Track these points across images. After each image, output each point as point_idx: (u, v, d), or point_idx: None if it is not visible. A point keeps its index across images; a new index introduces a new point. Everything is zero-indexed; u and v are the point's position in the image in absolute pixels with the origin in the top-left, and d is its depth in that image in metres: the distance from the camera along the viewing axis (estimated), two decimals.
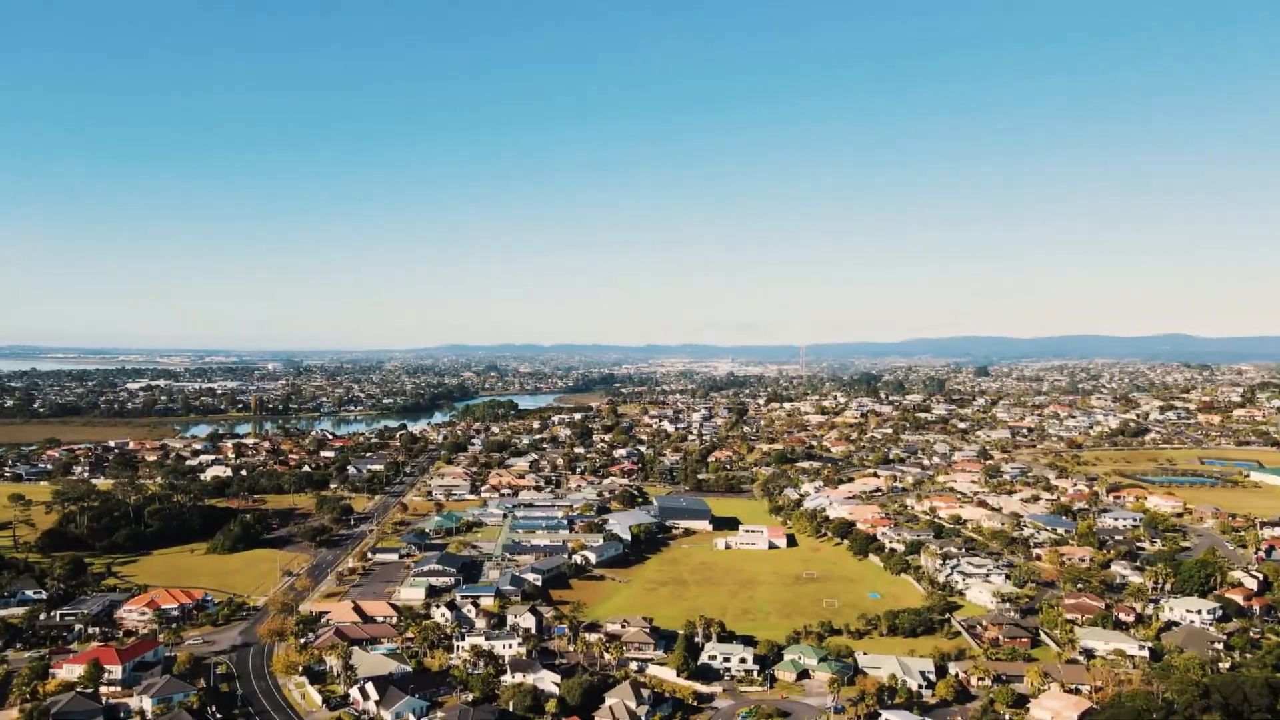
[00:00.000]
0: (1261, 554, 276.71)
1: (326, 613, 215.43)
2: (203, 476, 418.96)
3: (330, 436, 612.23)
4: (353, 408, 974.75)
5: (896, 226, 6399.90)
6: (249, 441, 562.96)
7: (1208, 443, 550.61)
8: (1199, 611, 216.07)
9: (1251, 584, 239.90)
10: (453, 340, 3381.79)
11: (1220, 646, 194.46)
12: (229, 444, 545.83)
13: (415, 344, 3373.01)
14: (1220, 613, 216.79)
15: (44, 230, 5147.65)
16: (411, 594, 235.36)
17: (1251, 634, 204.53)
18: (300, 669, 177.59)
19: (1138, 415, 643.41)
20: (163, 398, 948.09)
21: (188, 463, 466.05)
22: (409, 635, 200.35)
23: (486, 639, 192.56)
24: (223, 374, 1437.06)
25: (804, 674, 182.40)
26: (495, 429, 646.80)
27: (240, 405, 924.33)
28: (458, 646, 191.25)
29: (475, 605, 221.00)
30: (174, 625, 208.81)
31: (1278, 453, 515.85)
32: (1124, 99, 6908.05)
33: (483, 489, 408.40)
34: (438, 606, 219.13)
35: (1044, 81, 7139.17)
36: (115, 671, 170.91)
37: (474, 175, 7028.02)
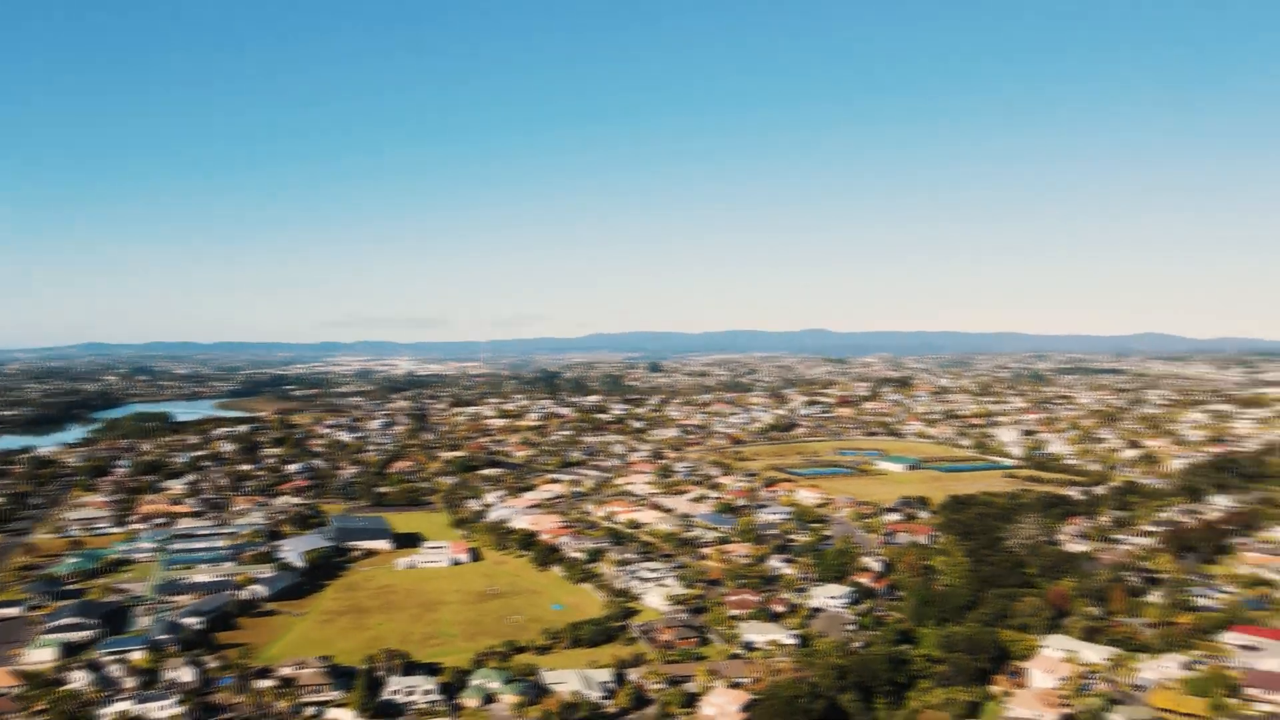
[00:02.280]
0: (884, 538, 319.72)
1: None
2: None
3: None
4: None
5: (569, 224, 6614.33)
6: None
7: (844, 434, 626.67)
8: (836, 597, 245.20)
9: (877, 567, 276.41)
10: (91, 338, 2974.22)
11: (854, 628, 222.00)
12: None
13: (42, 342, 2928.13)
14: (854, 596, 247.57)
15: None
16: (41, 655, 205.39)
17: (876, 613, 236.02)
18: None
19: (788, 410, 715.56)
20: None
21: None
22: (38, 708, 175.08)
23: (138, 701, 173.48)
24: None
25: (490, 698, 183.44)
26: (146, 446, 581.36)
27: None
28: (102, 715, 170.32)
29: (123, 661, 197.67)
30: None
31: (897, 440, 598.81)
32: (757, 105, 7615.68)
33: (131, 520, 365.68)
34: (76, 668, 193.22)
35: (689, 85, 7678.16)
36: None
37: (123, 159, 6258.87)
